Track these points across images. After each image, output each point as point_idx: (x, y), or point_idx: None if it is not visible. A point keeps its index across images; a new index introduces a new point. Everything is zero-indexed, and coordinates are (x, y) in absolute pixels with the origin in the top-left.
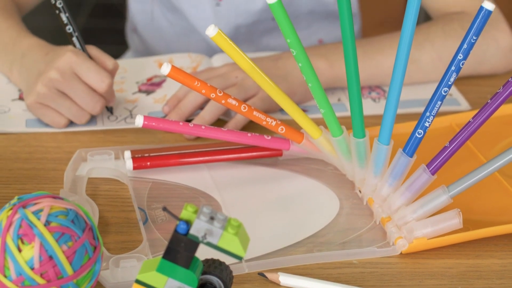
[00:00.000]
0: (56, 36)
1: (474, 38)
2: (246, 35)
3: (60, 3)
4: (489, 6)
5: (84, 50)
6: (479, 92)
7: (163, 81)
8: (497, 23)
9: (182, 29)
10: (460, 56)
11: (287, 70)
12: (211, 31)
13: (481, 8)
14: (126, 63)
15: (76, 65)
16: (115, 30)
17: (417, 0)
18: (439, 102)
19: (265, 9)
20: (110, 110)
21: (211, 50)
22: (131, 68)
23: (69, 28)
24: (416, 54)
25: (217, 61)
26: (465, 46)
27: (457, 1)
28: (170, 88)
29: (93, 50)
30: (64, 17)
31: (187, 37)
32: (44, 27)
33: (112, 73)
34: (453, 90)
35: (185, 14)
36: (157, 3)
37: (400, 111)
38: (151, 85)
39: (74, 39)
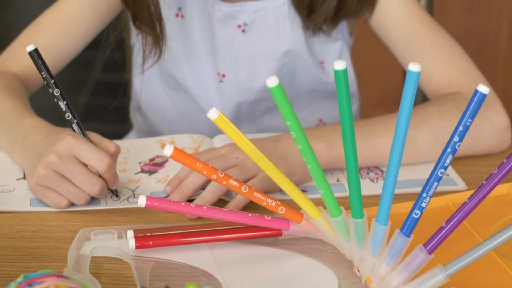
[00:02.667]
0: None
1: (470, 120)
2: (248, 113)
3: (57, 92)
4: (484, 89)
5: (84, 134)
6: (475, 172)
7: (165, 161)
8: (491, 103)
9: (185, 108)
10: (456, 138)
11: (287, 151)
12: (213, 114)
13: (476, 91)
14: (128, 143)
15: (75, 147)
16: (118, 109)
17: (414, 83)
18: (435, 183)
19: (267, 87)
20: (115, 193)
21: (214, 128)
22: (134, 149)
23: (68, 115)
24: (413, 135)
25: (218, 141)
26: (460, 128)
27: (453, 82)
28: (172, 168)
29: (94, 136)
30: (62, 105)
31: (190, 117)
32: (53, 103)
33: (114, 155)
34: (450, 170)
35: (189, 92)
36: (161, 82)
37: (397, 191)
38: (153, 165)
39: (74, 125)
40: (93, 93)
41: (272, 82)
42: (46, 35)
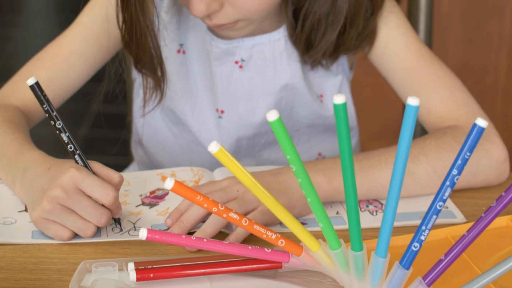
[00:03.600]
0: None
1: (468, 154)
2: (248, 147)
3: (59, 124)
4: (482, 123)
5: (87, 166)
6: (474, 205)
7: (166, 194)
8: (489, 136)
9: (186, 142)
10: (454, 172)
11: (287, 184)
12: (213, 148)
13: (474, 125)
14: (129, 176)
15: (79, 180)
16: (118, 141)
17: (413, 117)
18: (434, 216)
19: (266, 122)
20: (118, 222)
21: (215, 162)
22: (135, 182)
23: (71, 147)
24: (412, 168)
25: (218, 174)
26: (459, 162)
27: (451, 115)
28: (173, 201)
29: (96, 165)
30: (64, 137)
31: (191, 150)
32: (53, 135)
33: (117, 186)
34: (449, 203)
35: (189, 127)
36: (162, 115)
37: (397, 224)
38: (154, 198)
39: (76, 156)
40: (94, 125)
41: (272, 116)
42: (48, 69)
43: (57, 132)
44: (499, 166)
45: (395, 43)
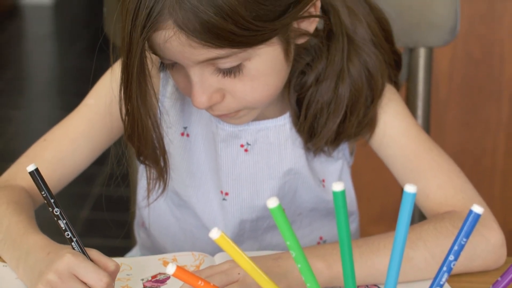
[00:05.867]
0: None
1: (464, 240)
2: (251, 230)
3: (57, 211)
4: (478, 209)
5: (84, 253)
6: None
7: (167, 278)
8: (486, 221)
9: (188, 226)
10: (451, 257)
11: (287, 269)
12: (214, 234)
13: (470, 211)
14: (131, 261)
15: (74, 266)
16: (120, 223)
17: (410, 204)
18: None
19: None
20: None
21: (217, 246)
22: (136, 266)
23: (68, 234)
24: (410, 253)
25: (219, 259)
26: (455, 247)
27: (449, 201)
28: (174, 285)
29: (94, 253)
30: (62, 224)
31: (193, 234)
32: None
33: (113, 274)
34: (447, 287)
35: (193, 209)
36: (166, 199)
37: None
38: (156, 282)
39: (74, 243)
40: (95, 207)
41: (272, 203)
42: (54, 150)
43: (55, 219)
44: (496, 250)
45: (394, 130)
